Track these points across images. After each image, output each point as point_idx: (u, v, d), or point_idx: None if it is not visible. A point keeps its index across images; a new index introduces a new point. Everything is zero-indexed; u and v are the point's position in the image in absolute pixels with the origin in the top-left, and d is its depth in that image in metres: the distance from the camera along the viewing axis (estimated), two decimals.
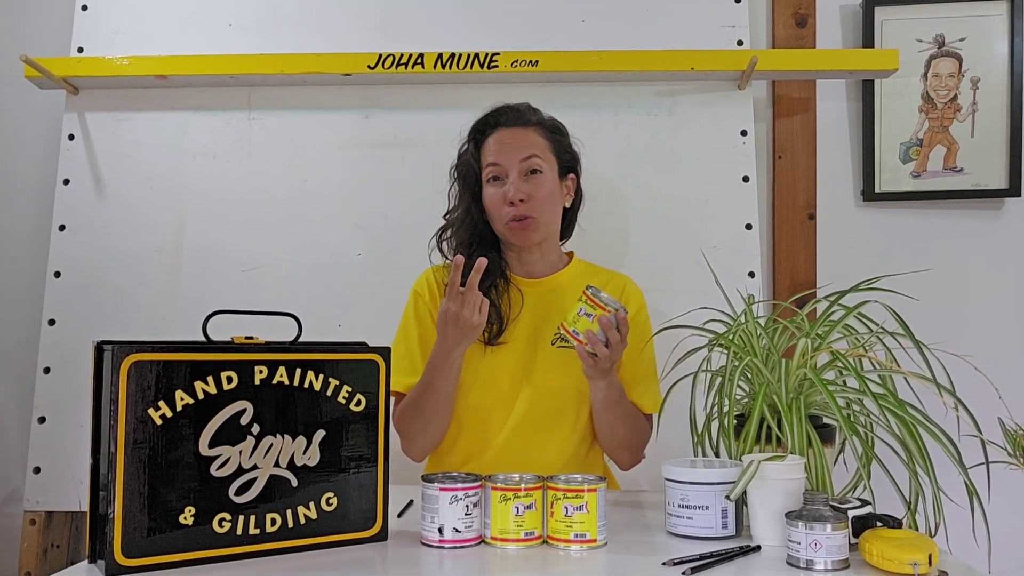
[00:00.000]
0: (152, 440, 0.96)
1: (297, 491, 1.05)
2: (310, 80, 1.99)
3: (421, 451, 1.51)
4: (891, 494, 1.15)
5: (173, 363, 0.97)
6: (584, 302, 1.32)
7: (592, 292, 1.33)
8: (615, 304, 1.32)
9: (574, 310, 1.33)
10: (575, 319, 1.33)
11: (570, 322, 1.33)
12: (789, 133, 2.05)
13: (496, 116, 1.55)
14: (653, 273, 1.87)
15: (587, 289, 1.33)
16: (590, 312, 1.32)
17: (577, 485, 1.07)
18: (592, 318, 1.31)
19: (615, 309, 1.32)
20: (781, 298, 1.98)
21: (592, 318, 1.31)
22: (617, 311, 1.32)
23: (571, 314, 1.33)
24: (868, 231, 2.04)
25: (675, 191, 1.95)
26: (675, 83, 1.98)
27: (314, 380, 1.07)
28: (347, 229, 1.98)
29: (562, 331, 1.35)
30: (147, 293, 1.97)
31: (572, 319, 1.33)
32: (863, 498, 1.09)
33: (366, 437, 1.10)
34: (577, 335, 1.32)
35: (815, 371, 1.16)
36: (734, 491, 1.07)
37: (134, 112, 2.03)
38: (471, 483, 1.08)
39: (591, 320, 1.32)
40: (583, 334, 1.32)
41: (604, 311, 1.31)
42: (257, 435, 1.02)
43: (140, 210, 2.00)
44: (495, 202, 1.50)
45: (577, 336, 1.32)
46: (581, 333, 1.32)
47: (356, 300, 1.95)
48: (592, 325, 1.32)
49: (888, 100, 2.02)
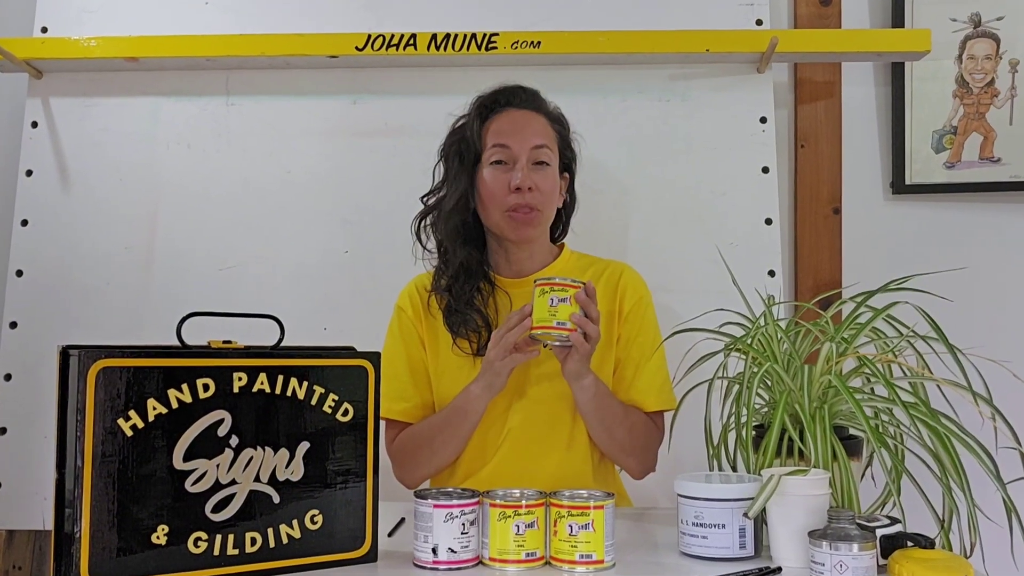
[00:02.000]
0: (122, 453, 0.95)
1: (279, 508, 1.05)
2: (293, 63, 1.99)
3: (419, 481, 1.53)
4: (923, 511, 1.15)
5: (145, 369, 0.97)
6: (550, 292, 1.34)
7: (547, 279, 1.35)
8: (576, 280, 1.35)
9: (543, 307, 1.34)
10: (552, 311, 1.33)
11: (547, 318, 1.33)
12: (812, 120, 2.05)
13: (508, 95, 1.55)
14: (664, 272, 1.87)
15: (539, 281, 1.35)
16: (563, 296, 1.33)
17: (582, 501, 1.07)
18: (568, 300, 1.33)
19: (580, 284, 1.34)
20: (804, 299, 1.98)
21: (568, 300, 1.33)
22: (585, 284, 1.35)
23: (542, 312, 1.34)
24: (898, 226, 2.04)
25: (688, 183, 1.95)
26: (689, 66, 1.98)
27: (297, 388, 1.07)
28: (333, 224, 1.98)
29: (543, 332, 1.35)
30: (117, 294, 1.97)
31: (548, 313, 1.33)
32: (892, 516, 1.09)
33: (354, 449, 1.10)
34: (564, 325, 1.33)
35: (840, 378, 1.16)
36: (753, 508, 1.07)
37: (102, 97, 2.03)
38: (468, 499, 1.08)
39: (568, 303, 1.33)
40: (569, 321, 1.33)
41: (574, 288, 1.33)
42: (236, 447, 1.02)
43: (109, 204, 2.00)
44: (497, 187, 1.49)
45: (565, 326, 1.33)
46: (567, 321, 1.33)
47: (343, 301, 1.95)
48: (573, 307, 1.33)
49: (919, 84, 2.02)
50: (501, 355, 1.39)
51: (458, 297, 1.51)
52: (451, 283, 1.52)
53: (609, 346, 1.53)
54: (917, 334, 1.22)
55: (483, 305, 1.52)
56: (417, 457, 1.50)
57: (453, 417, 1.46)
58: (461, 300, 1.50)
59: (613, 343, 1.53)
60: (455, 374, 1.52)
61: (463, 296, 1.50)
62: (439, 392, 1.54)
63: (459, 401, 1.46)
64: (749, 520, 1.09)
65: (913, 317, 1.23)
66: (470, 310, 1.50)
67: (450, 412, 1.47)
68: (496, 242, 1.56)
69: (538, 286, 1.35)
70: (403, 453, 1.51)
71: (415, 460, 1.50)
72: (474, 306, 1.50)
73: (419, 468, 1.51)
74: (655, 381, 1.53)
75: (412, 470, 1.51)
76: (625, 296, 1.55)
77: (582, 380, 1.42)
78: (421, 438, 1.50)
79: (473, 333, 1.50)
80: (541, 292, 1.35)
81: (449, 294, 1.52)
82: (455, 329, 1.51)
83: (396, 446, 1.53)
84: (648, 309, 1.58)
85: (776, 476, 1.06)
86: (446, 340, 1.53)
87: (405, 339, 1.56)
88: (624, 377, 1.53)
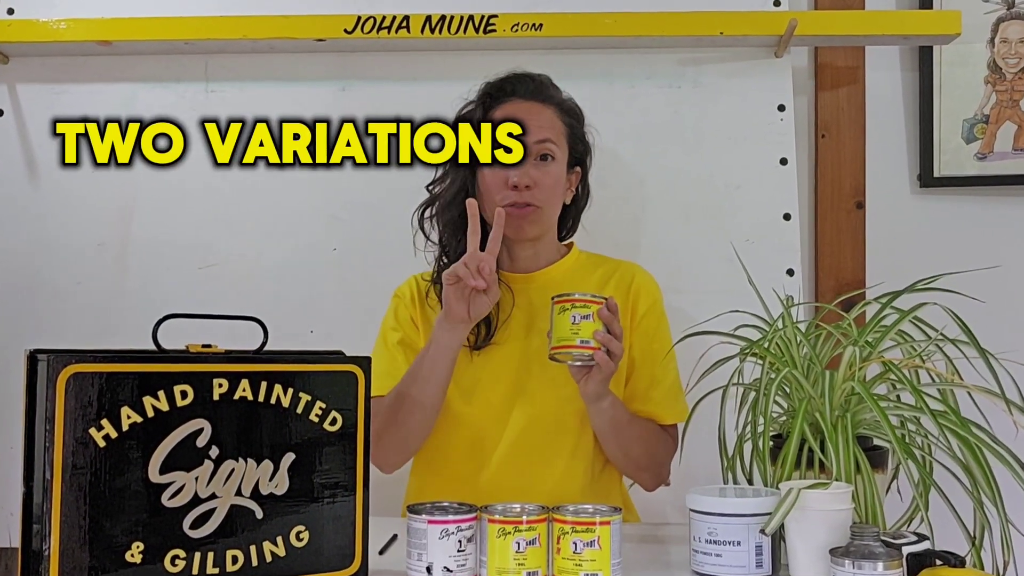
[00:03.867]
0: (94, 465, 0.95)
1: (262, 524, 1.05)
2: (277, 47, 1.99)
3: (393, 462, 1.52)
4: (952, 527, 1.15)
5: (118, 375, 0.97)
6: (572, 308, 1.33)
7: (566, 296, 1.34)
8: (594, 296, 1.34)
9: (565, 325, 1.33)
10: (575, 329, 1.33)
11: (570, 337, 1.33)
12: (834, 108, 2.05)
13: (513, 83, 1.56)
14: (675, 270, 1.87)
15: (557, 298, 1.35)
16: (585, 313, 1.33)
17: (588, 517, 1.07)
18: (591, 317, 1.33)
19: (603, 299, 1.34)
20: (825, 300, 1.98)
21: (591, 317, 1.33)
22: (606, 300, 1.34)
23: (563, 331, 1.33)
24: (926, 222, 2.04)
25: (701, 175, 1.95)
26: (701, 50, 1.98)
27: (282, 395, 1.07)
28: (320, 219, 1.98)
29: (565, 352, 1.34)
30: (88, 293, 1.97)
31: (570, 332, 1.33)
32: (920, 532, 1.09)
33: (342, 461, 1.10)
34: (588, 343, 1.33)
35: (864, 385, 1.16)
36: (770, 524, 1.07)
37: (73, 84, 2.03)
38: (465, 515, 1.08)
39: (590, 320, 1.33)
40: (592, 339, 1.33)
41: (597, 304, 1.33)
42: (216, 459, 1.02)
43: (80, 197, 2.00)
44: (494, 182, 1.50)
45: (589, 344, 1.33)
46: (590, 339, 1.33)
47: (331, 302, 1.95)
48: (596, 324, 1.33)
49: (949, 70, 2.02)
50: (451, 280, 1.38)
51: None
52: None
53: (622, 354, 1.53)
54: (946, 337, 1.22)
55: None
56: (389, 429, 1.47)
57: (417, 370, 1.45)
58: None
59: (626, 351, 1.54)
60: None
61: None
62: None
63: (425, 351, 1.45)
64: (766, 537, 1.09)
65: (942, 319, 1.23)
66: None
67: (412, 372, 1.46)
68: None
69: (557, 303, 1.35)
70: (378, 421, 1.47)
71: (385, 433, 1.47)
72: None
73: (388, 442, 1.47)
74: (671, 393, 1.54)
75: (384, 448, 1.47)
76: (638, 300, 1.56)
77: (601, 402, 1.42)
78: (390, 405, 1.48)
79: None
80: (561, 309, 1.34)
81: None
82: None
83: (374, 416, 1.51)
84: (662, 314, 1.59)
85: (795, 490, 1.06)
86: None
87: (401, 322, 1.57)
88: (638, 388, 1.54)
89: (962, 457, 1.11)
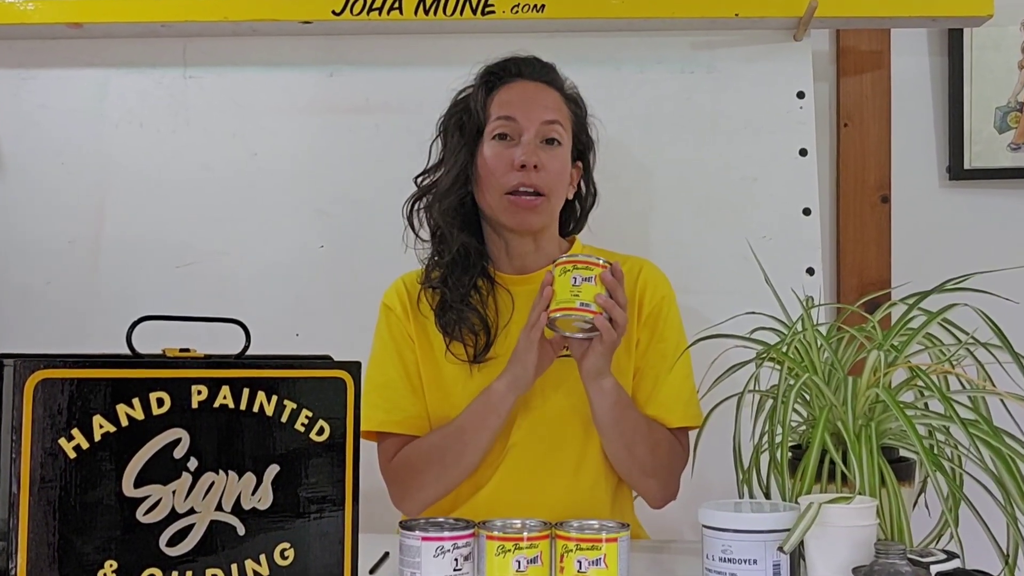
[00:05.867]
0: (64, 478, 0.95)
1: (244, 541, 1.05)
2: (260, 29, 1.99)
3: (422, 507, 1.51)
4: (984, 545, 1.15)
5: (90, 382, 0.97)
6: (573, 270, 1.34)
7: (569, 257, 1.35)
8: (599, 259, 1.35)
9: (565, 286, 1.34)
10: (575, 291, 1.33)
11: (569, 299, 1.33)
12: (857, 95, 2.05)
13: (518, 64, 1.56)
14: (686, 269, 1.86)
15: (559, 260, 1.36)
16: (587, 275, 1.33)
17: (593, 533, 1.07)
18: (592, 280, 1.33)
19: (607, 263, 1.35)
20: (847, 300, 1.98)
21: (592, 280, 1.33)
22: (612, 264, 1.35)
23: (564, 292, 1.34)
24: (956, 217, 2.04)
25: (715, 167, 1.95)
26: (715, 33, 1.98)
27: (265, 403, 1.07)
28: (307, 215, 1.98)
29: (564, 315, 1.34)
30: (58, 294, 1.97)
31: (569, 294, 1.33)
32: (949, 550, 1.09)
33: (330, 474, 1.10)
34: (589, 307, 1.33)
35: (890, 392, 1.16)
36: (789, 541, 1.07)
37: (41, 69, 2.03)
38: (461, 531, 1.08)
39: (592, 283, 1.33)
40: (593, 302, 1.33)
41: (600, 267, 1.34)
42: (195, 471, 1.02)
43: (49, 191, 2.00)
44: (498, 164, 1.49)
45: (589, 308, 1.33)
46: (591, 303, 1.33)
47: (318, 303, 1.95)
48: (599, 288, 1.33)
49: (980, 54, 2.02)
50: (527, 336, 1.39)
51: (454, 290, 1.50)
52: (446, 274, 1.52)
53: (627, 352, 1.52)
54: (978, 341, 1.22)
55: (481, 304, 1.52)
56: (424, 476, 1.48)
57: (471, 422, 1.45)
58: (457, 294, 1.50)
59: (632, 349, 1.53)
60: (449, 385, 1.52)
61: (459, 289, 1.50)
62: (431, 405, 1.54)
63: (479, 402, 1.45)
64: (785, 555, 1.09)
65: (973, 321, 1.23)
66: (466, 307, 1.50)
67: (467, 416, 1.46)
68: (495, 232, 1.56)
69: (558, 265, 1.36)
70: (407, 472, 1.49)
71: (421, 480, 1.49)
72: (470, 305, 1.50)
73: (425, 489, 1.49)
74: (680, 393, 1.52)
75: (416, 492, 1.49)
76: (645, 295, 1.55)
77: (602, 380, 1.41)
78: (431, 452, 1.48)
79: (470, 335, 1.50)
80: (562, 271, 1.35)
81: (444, 286, 1.52)
82: (449, 330, 1.51)
83: (397, 464, 1.51)
84: (672, 311, 1.58)
85: (816, 504, 1.06)
86: (439, 345, 1.53)
87: (396, 341, 1.56)
88: (643, 388, 1.53)
89: (994, 469, 1.11)
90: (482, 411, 1.44)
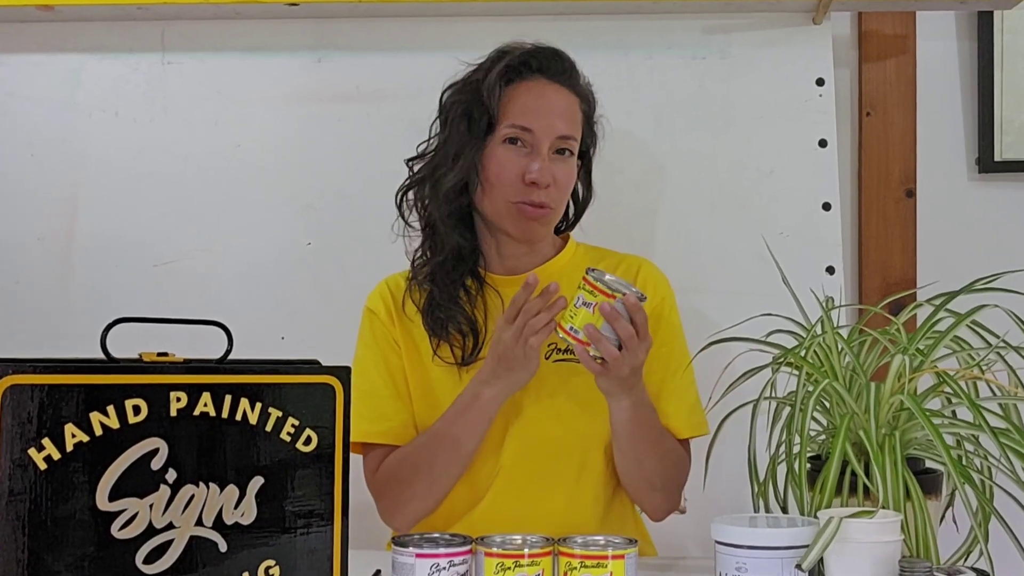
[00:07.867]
0: (34, 490, 0.95)
1: (227, 558, 1.05)
2: (244, 12, 1.99)
3: (412, 520, 1.52)
4: (1016, 561, 1.15)
5: (62, 388, 0.97)
6: (583, 289, 1.34)
7: (594, 275, 1.34)
8: (624, 287, 1.33)
9: (571, 301, 1.34)
10: (572, 312, 1.34)
11: (566, 317, 1.34)
12: (881, 83, 2.05)
13: (540, 59, 1.54)
14: (697, 268, 1.87)
15: (588, 272, 1.35)
16: (589, 300, 1.33)
17: (599, 550, 1.07)
18: (592, 307, 1.32)
19: (623, 293, 1.33)
20: (870, 301, 1.98)
21: (592, 307, 1.32)
22: (625, 295, 1.33)
23: (569, 307, 1.35)
24: (985, 212, 2.04)
25: (729, 158, 1.95)
26: (729, 16, 1.98)
27: (249, 411, 1.07)
28: (293, 210, 1.98)
29: (559, 332, 1.36)
30: (28, 294, 1.97)
31: (569, 312, 1.34)
32: (978, 568, 1.09)
33: (318, 486, 1.10)
34: (575, 333, 1.33)
35: (915, 399, 1.16)
36: (808, 558, 1.07)
37: (9, 55, 2.03)
38: (458, 547, 1.08)
39: (591, 311, 1.32)
40: (582, 330, 1.33)
41: (607, 296, 1.32)
42: (173, 484, 1.02)
43: (18, 184, 2.00)
44: (509, 173, 1.49)
45: (575, 334, 1.33)
46: (580, 330, 1.33)
47: (305, 304, 1.95)
48: (593, 318, 1.32)
49: (1012, 39, 2.02)
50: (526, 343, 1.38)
51: (443, 288, 1.51)
52: (436, 272, 1.52)
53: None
54: (1009, 344, 1.22)
55: (469, 304, 1.52)
56: (412, 487, 1.49)
57: (457, 427, 1.46)
58: (445, 293, 1.51)
59: None
60: (437, 390, 1.53)
61: (448, 288, 1.51)
62: (418, 412, 1.55)
63: (472, 410, 1.45)
64: (803, 573, 1.09)
65: (1004, 323, 1.23)
66: (455, 307, 1.50)
67: (458, 425, 1.46)
68: (489, 231, 1.57)
69: (584, 276, 1.35)
70: (394, 483, 1.50)
71: (409, 491, 1.49)
72: (459, 304, 1.51)
73: (414, 501, 1.50)
74: (685, 402, 1.54)
75: (404, 505, 1.50)
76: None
77: (614, 400, 1.43)
78: (417, 462, 1.49)
79: (458, 336, 1.51)
80: (579, 284, 1.35)
81: (432, 284, 1.52)
82: (437, 330, 1.51)
83: (382, 476, 1.52)
84: (672, 313, 1.59)
85: (836, 519, 1.06)
86: (426, 349, 1.54)
87: (380, 346, 1.56)
88: None
89: None
90: (475, 419, 1.45)
